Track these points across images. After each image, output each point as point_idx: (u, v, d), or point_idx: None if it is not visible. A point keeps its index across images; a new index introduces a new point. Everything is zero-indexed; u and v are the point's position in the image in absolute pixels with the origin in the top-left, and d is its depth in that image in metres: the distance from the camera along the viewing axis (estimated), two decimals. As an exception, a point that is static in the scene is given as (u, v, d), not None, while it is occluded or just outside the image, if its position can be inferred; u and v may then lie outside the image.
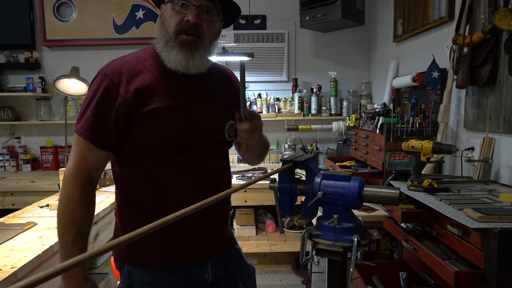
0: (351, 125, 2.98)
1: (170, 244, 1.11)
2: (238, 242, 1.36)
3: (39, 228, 1.84)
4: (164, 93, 1.07)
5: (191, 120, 1.10)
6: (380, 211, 2.12)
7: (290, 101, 3.64)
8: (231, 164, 3.93)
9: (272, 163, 3.63)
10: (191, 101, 1.11)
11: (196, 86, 1.13)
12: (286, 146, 3.64)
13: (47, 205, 2.20)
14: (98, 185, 3.06)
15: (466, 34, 1.93)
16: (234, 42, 3.60)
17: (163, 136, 1.06)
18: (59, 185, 2.39)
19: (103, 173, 3.02)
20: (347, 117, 3.18)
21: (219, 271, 1.19)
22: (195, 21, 1.05)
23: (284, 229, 3.24)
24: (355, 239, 0.88)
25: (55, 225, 1.96)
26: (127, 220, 1.15)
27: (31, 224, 1.87)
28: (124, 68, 1.06)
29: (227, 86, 1.24)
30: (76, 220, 1.02)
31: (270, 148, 3.64)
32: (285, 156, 1.05)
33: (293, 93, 3.64)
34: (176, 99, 1.08)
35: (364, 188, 0.94)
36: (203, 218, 1.10)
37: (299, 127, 3.57)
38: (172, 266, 1.12)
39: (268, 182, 1.02)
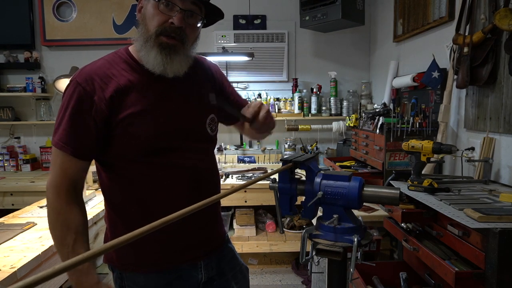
0: (351, 125, 2.98)
1: (161, 246, 1.10)
2: (238, 242, 1.36)
3: (38, 228, 1.83)
4: (139, 96, 1.05)
5: (169, 121, 1.08)
6: (380, 211, 2.12)
7: (290, 101, 3.64)
8: (231, 164, 3.94)
9: (272, 163, 3.63)
10: (167, 101, 1.09)
11: (173, 85, 1.11)
12: (286, 146, 3.64)
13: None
14: (97, 185, 3.06)
15: (466, 34, 1.92)
16: (234, 42, 3.60)
17: (142, 139, 1.04)
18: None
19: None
20: (347, 117, 3.17)
21: (212, 271, 1.18)
22: (180, 25, 1.02)
23: (284, 229, 3.23)
24: (355, 239, 0.88)
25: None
26: (115, 227, 1.13)
27: (31, 224, 1.87)
28: (96, 75, 1.03)
29: (207, 79, 1.22)
30: (71, 228, 1.01)
31: (270, 148, 3.67)
32: (285, 156, 1.04)
33: (293, 93, 3.64)
34: (152, 101, 1.06)
35: (364, 188, 0.94)
36: (192, 219, 1.03)
37: (299, 127, 3.57)
38: (163, 268, 1.11)
39: (268, 182, 1.02)
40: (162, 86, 1.08)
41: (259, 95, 3.67)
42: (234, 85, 3.88)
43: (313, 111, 3.59)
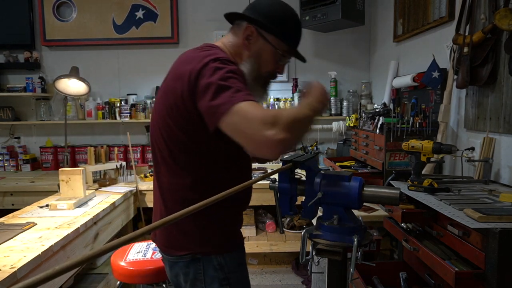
0: (351, 125, 2.98)
1: (238, 227, 1.29)
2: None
3: (38, 228, 1.83)
4: None
5: None
6: (380, 211, 2.12)
7: (290, 101, 3.64)
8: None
9: (272, 163, 3.62)
10: None
11: None
12: (286, 146, 3.63)
13: (47, 205, 2.19)
14: (97, 185, 3.04)
15: (466, 34, 1.92)
16: (234, 42, 3.60)
17: None
18: (58, 185, 2.38)
19: (103, 173, 3.01)
20: (347, 117, 3.17)
21: None
22: (283, 73, 1.26)
23: (284, 229, 3.23)
24: (355, 239, 0.88)
25: (55, 225, 1.96)
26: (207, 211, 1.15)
27: (31, 224, 1.87)
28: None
29: None
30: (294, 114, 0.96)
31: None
32: (285, 156, 1.05)
33: (293, 93, 3.64)
34: None
35: (364, 188, 0.94)
36: (245, 206, 1.33)
37: (299, 127, 3.56)
38: (242, 244, 1.28)
39: (268, 182, 1.02)
40: None
41: (259, 95, 3.67)
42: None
43: (313, 111, 3.59)
